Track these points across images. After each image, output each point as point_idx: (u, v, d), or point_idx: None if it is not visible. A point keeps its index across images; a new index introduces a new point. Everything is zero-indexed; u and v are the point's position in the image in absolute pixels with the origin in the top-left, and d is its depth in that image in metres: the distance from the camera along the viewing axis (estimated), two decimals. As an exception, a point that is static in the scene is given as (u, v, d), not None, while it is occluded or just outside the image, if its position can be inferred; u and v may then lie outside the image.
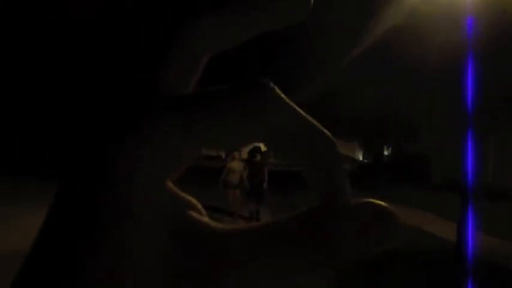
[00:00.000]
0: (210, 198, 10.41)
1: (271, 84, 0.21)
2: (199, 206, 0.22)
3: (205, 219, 0.21)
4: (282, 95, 0.21)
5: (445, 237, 7.68)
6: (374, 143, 35.61)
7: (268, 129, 0.21)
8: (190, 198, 0.22)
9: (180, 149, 0.20)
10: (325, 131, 0.22)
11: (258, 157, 9.28)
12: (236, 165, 8.78)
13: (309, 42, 20.16)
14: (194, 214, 0.21)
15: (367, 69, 19.38)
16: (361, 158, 44.08)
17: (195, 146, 0.20)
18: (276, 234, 0.21)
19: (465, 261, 6.20)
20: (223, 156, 38.30)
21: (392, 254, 4.42)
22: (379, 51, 17.35)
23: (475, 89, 6.61)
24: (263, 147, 9.47)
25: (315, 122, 0.22)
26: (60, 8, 17.27)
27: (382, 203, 0.21)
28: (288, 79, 26.66)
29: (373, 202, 0.21)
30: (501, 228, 8.02)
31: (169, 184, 0.20)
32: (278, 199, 11.97)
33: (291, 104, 0.22)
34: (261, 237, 0.21)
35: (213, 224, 0.20)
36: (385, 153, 34.84)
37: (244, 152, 10.30)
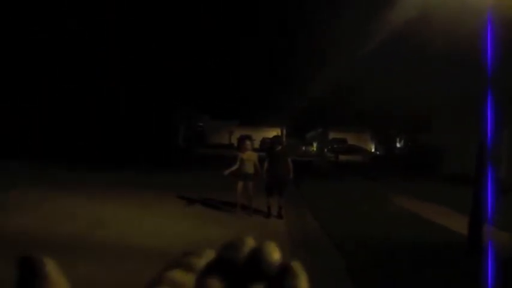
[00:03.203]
0: (223, 189, 10.46)
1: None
2: None
3: None
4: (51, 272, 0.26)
5: (457, 230, 7.65)
6: (386, 134, 35.37)
7: None
8: None
9: None
10: None
11: (279, 147, 8.68)
12: (249, 155, 8.50)
13: (323, 39, 20.07)
14: None
15: (380, 62, 19.19)
16: (373, 150, 43.84)
17: None
18: None
19: (477, 254, 6.18)
20: (236, 144, 38.29)
21: (404, 246, 4.46)
22: (393, 44, 17.18)
23: (490, 81, 6.52)
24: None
25: None
26: None
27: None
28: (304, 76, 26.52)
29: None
30: (513, 223, 7.95)
31: None
32: (291, 191, 11.86)
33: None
34: None
35: None
36: (398, 145, 34.60)
37: (256, 142, 10.26)
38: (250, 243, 0.30)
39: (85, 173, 13.78)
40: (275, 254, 0.29)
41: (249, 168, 8.45)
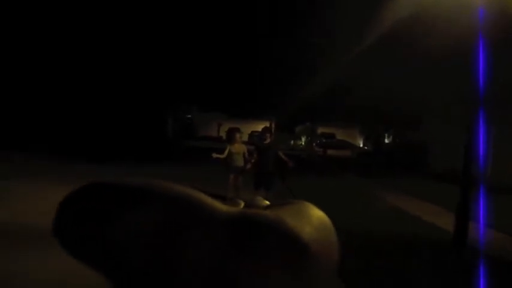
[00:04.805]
0: (211, 182, 10.37)
1: None
2: None
3: None
4: None
5: (443, 227, 7.71)
6: (374, 130, 35.58)
7: None
8: None
9: None
10: None
11: (268, 139, 8.23)
12: (238, 147, 8.37)
13: (315, 38, 20.04)
14: None
15: (372, 60, 19.20)
16: (361, 145, 44.08)
17: None
18: None
19: (462, 251, 6.24)
20: (224, 137, 38.15)
21: (391, 242, 4.44)
22: (384, 42, 17.20)
23: (479, 79, 6.55)
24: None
25: None
26: None
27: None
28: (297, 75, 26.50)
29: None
30: (498, 221, 8.04)
31: None
32: (278, 186, 11.59)
33: None
34: None
35: None
36: (386, 141, 34.83)
37: (245, 134, 10.14)
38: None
39: (76, 166, 13.71)
40: None
41: (239, 161, 8.36)
